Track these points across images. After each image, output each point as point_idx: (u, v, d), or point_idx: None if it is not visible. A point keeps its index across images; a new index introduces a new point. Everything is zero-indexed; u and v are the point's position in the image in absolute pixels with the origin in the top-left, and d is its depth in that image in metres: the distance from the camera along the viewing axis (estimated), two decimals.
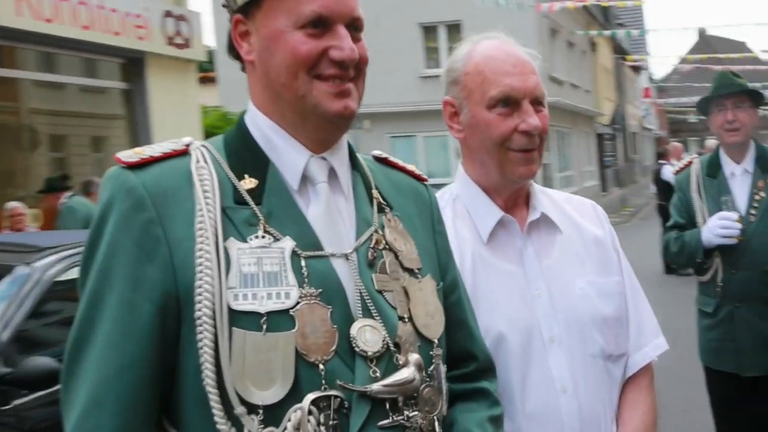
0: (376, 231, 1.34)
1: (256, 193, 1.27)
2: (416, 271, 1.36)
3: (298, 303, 1.20)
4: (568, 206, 1.86)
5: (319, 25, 1.26)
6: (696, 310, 3.65)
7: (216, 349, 1.16)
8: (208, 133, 11.63)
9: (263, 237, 1.24)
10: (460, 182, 1.83)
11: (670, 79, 47.86)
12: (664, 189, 13.25)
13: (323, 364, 1.20)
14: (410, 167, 1.54)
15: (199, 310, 1.17)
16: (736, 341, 3.43)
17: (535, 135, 1.70)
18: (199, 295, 1.18)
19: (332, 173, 1.34)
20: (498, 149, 1.70)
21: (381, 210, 1.38)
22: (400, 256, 1.35)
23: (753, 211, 3.43)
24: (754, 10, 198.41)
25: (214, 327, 1.17)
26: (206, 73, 20.24)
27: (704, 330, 3.58)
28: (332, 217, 1.30)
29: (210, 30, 26.64)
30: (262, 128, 1.33)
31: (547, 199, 1.84)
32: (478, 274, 1.69)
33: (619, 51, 38.05)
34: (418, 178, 1.53)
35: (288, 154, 1.31)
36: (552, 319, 1.70)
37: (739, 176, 3.51)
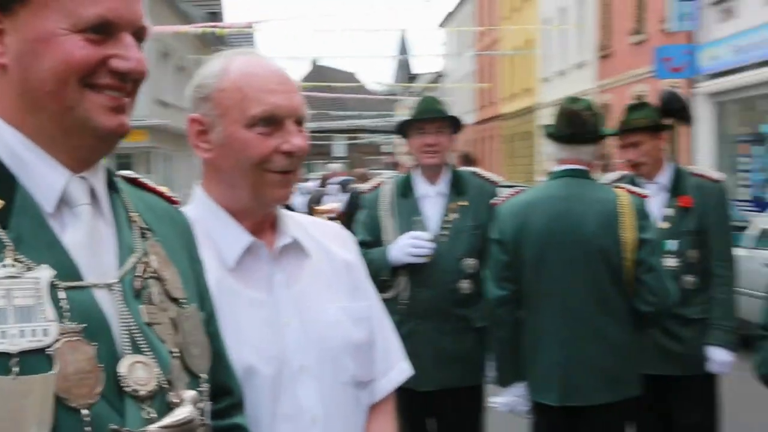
0: (140, 258, 1.21)
1: (1, 216, 1.08)
2: (182, 300, 1.25)
3: (57, 340, 1.04)
4: (315, 230, 1.82)
5: (102, 30, 1.11)
6: None
7: None
8: None
9: (12, 266, 1.06)
10: (200, 205, 1.72)
11: None
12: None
13: (87, 409, 1.05)
14: (161, 189, 1.42)
15: None
16: (415, 357, 3.31)
17: (296, 156, 1.64)
18: None
19: (92, 195, 1.18)
20: (254, 170, 1.63)
21: (143, 235, 1.25)
22: (166, 285, 1.23)
23: (444, 232, 3.58)
24: (364, 44, 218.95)
25: None
26: None
27: None
28: (94, 243, 1.15)
29: None
30: (9, 143, 1.14)
31: (293, 222, 1.78)
32: (223, 303, 1.56)
33: None
34: (170, 201, 1.41)
35: (42, 173, 1.13)
36: (303, 347, 1.66)
37: (432, 197, 3.64)
